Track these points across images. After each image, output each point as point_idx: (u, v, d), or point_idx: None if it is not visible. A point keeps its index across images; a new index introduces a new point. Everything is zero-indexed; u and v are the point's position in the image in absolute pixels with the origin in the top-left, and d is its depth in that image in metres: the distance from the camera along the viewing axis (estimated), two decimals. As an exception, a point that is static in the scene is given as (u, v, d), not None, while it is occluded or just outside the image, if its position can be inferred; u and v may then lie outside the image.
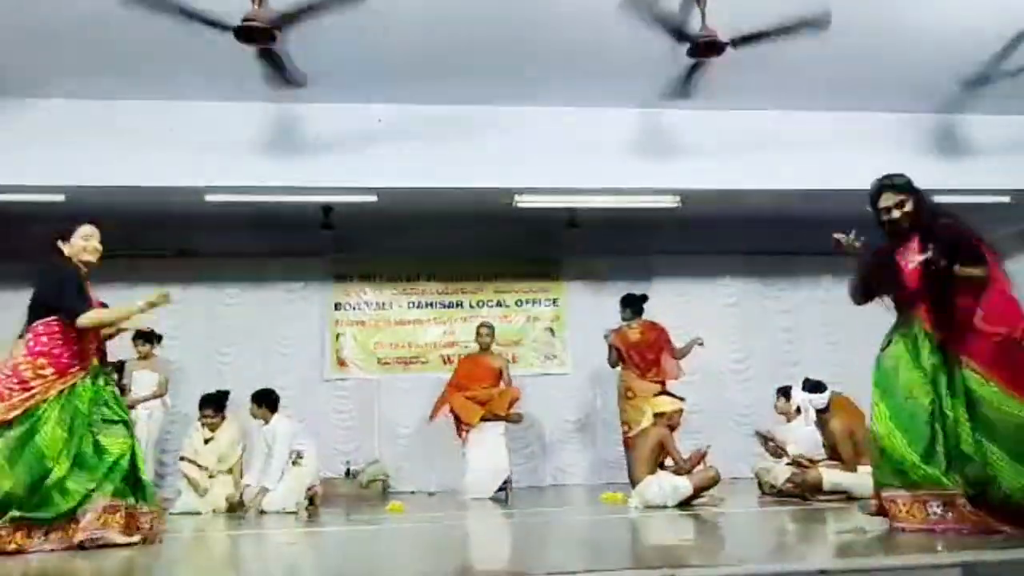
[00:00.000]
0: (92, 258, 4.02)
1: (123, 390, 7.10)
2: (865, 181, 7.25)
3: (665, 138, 6.99)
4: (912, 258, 3.47)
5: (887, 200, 3.60)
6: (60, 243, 3.98)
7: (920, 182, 7.45)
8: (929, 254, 3.37)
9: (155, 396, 7.15)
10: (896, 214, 3.57)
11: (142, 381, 7.21)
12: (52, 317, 3.83)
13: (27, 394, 3.70)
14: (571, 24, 5.66)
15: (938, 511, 3.18)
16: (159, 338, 7.39)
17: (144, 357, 7.28)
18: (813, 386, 5.64)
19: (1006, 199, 7.50)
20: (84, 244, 3.99)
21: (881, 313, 10.67)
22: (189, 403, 7.47)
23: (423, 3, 5.50)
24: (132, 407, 6.83)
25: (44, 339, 3.82)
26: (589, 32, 5.65)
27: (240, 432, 6.78)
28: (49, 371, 3.77)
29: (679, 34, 5.30)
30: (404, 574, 3.01)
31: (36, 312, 3.88)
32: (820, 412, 5.65)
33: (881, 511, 3.41)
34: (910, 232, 3.55)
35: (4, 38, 5.68)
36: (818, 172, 7.13)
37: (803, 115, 7.13)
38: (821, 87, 6.77)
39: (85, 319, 3.79)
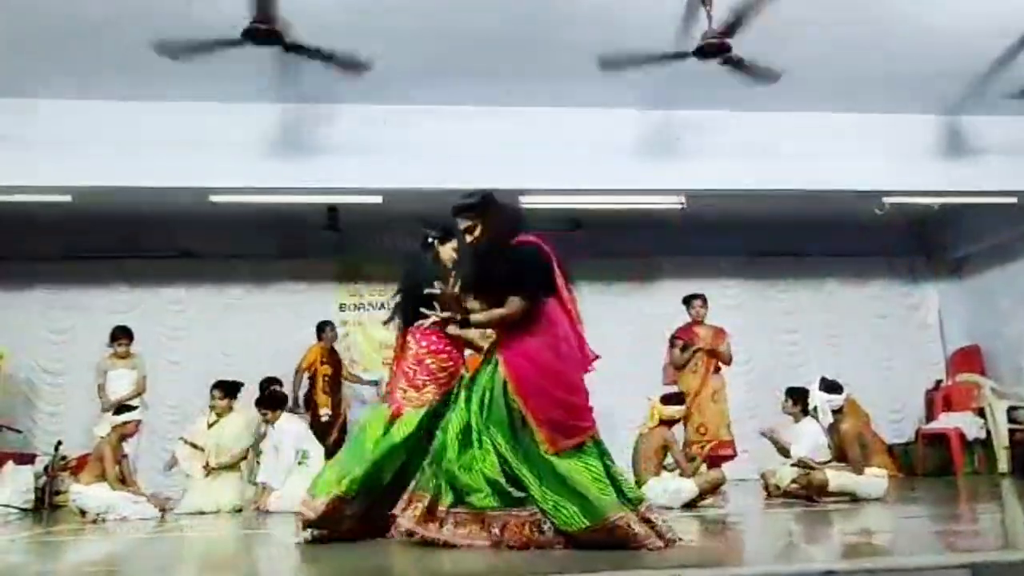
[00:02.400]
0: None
1: None
2: (871, 182, 7.35)
3: (670, 139, 6.98)
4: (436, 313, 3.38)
5: (462, 224, 3.51)
6: (437, 244, 4.09)
7: (926, 183, 7.52)
8: (441, 316, 3.35)
9: (133, 396, 7.07)
10: (468, 238, 3.49)
11: (119, 380, 7.17)
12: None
13: (435, 386, 3.84)
14: (576, 24, 5.66)
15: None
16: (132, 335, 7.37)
17: (122, 356, 7.25)
18: (829, 386, 5.61)
19: (1012, 200, 7.48)
20: (453, 255, 4.06)
21: (885, 315, 10.62)
22: (193, 404, 7.49)
23: (429, 3, 5.50)
24: (108, 409, 6.87)
25: (433, 337, 3.91)
26: (594, 32, 5.64)
27: (246, 428, 6.77)
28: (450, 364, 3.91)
29: (673, 56, 5.33)
30: (407, 573, 3.01)
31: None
32: (833, 413, 5.63)
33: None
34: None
35: (12, 39, 5.70)
36: (823, 173, 7.11)
37: (808, 116, 7.11)
38: (826, 88, 6.75)
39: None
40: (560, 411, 3.24)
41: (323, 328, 7.95)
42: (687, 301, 7.13)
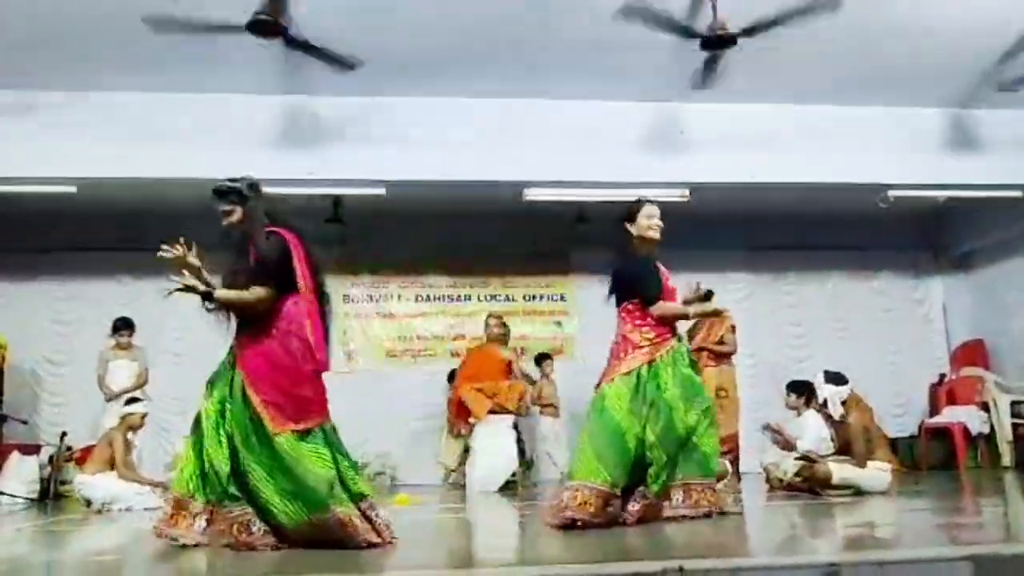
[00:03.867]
0: (655, 235, 4.23)
1: None
2: (876, 176, 7.32)
3: (674, 132, 6.97)
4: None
5: (222, 206, 3.55)
6: (627, 225, 4.24)
7: (932, 177, 7.49)
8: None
9: (135, 387, 7.06)
10: (225, 221, 3.56)
11: (119, 372, 7.15)
12: (634, 300, 4.12)
13: (637, 351, 4.00)
14: (580, 17, 5.64)
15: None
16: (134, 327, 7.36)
17: (124, 347, 7.24)
18: (834, 378, 5.61)
19: (1018, 194, 7.45)
20: (647, 223, 4.21)
21: (890, 310, 10.56)
22: (196, 398, 7.48)
23: (433, -4, 5.49)
24: (110, 399, 6.87)
25: (636, 313, 4.11)
26: (598, 25, 5.62)
27: None
28: (652, 334, 4.03)
29: (686, 31, 5.30)
30: (410, 564, 3.02)
31: (622, 292, 4.20)
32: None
33: None
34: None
35: (16, 31, 5.70)
36: (828, 166, 7.10)
37: (813, 109, 7.09)
38: (831, 81, 6.73)
39: (655, 309, 4.06)
40: (286, 399, 3.29)
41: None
42: None
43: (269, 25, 5.05)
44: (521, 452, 7.29)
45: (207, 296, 3.40)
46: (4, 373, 7.87)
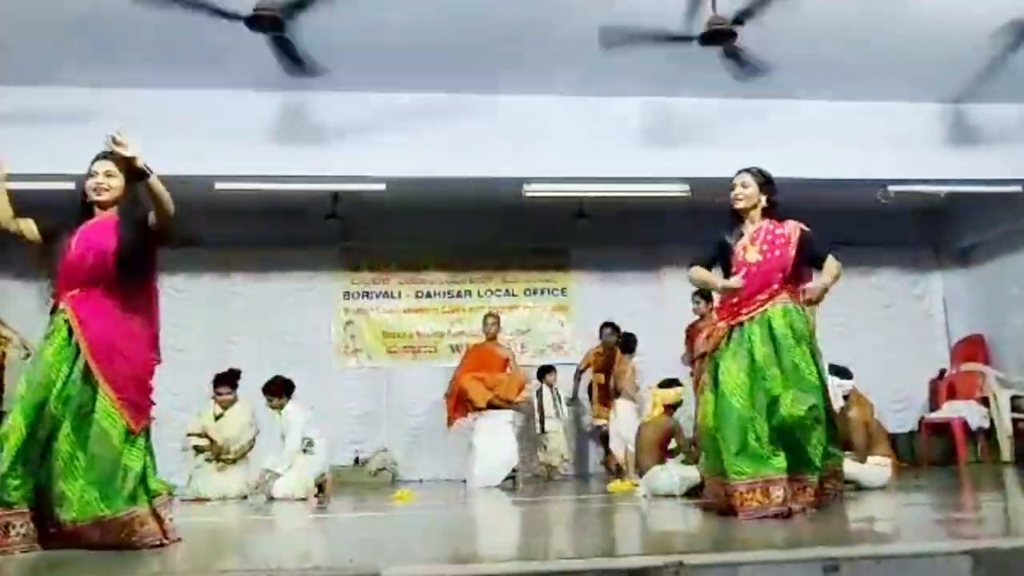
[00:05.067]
0: (736, 204, 4.32)
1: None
2: (877, 171, 7.30)
3: (674, 126, 6.96)
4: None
5: (104, 165, 3.59)
6: None
7: (932, 172, 7.48)
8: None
9: None
10: (103, 180, 3.62)
11: None
12: None
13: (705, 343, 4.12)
14: (579, 12, 5.64)
15: None
16: None
17: None
18: (839, 371, 5.62)
19: (1018, 189, 7.45)
20: (731, 195, 4.29)
21: (890, 305, 10.53)
22: (196, 392, 7.49)
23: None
24: None
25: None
26: (597, 20, 5.62)
27: (251, 417, 6.79)
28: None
29: (677, 38, 5.31)
30: (411, 558, 3.02)
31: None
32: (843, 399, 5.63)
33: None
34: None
35: (16, 27, 5.70)
36: (827, 162, 7.09)
37: (813, 104, 7.08)
38: (831, 76, 6.72)
39: (690, 272, 4.34)
40: (134, 387, 3.21)
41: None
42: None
43: (267, 19, 5.05)
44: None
45: (141, 175, 3.23)
46: (4, 369, 7.87)
